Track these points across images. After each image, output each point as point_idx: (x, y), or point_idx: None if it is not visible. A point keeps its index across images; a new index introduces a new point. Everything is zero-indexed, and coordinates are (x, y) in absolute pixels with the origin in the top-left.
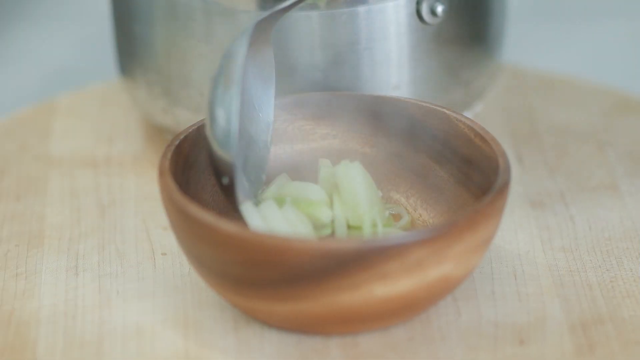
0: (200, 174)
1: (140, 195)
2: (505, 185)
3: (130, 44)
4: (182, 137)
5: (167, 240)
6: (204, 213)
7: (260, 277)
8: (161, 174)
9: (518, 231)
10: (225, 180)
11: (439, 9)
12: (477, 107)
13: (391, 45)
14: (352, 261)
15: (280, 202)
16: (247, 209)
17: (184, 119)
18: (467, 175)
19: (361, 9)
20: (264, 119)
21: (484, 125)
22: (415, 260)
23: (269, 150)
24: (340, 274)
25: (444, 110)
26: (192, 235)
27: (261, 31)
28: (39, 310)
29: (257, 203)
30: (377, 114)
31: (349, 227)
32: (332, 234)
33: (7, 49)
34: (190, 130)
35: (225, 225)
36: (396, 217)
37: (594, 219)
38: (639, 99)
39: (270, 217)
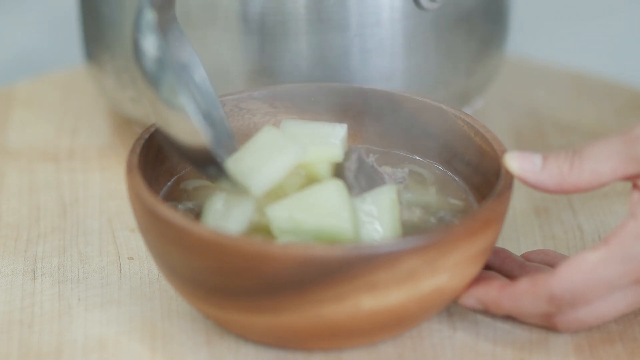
0: (172, 170)
1: (106, 193)
2: (507, 189)
3: (98, 27)
4: (152, 130)
5: (134, 243)
6: (175, 214)
7: (236, 286)
8: (129, 170)
9: (520, 240)
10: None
11: None
12: (478, 102)
13: (384, 31)
14: (338, 270)
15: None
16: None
17: None
18: (466, 178)
19: None
20: (206, 92)
21: (484, 123)
22: (406, 270)
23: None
24: (324, 284)
25: (441, 105)
26: (162, 239)
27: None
28: None
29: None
30: (367, 109)
31: None
32: None
33: None
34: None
35: (199, 228)
36: None
37: (605, 228)
38: None
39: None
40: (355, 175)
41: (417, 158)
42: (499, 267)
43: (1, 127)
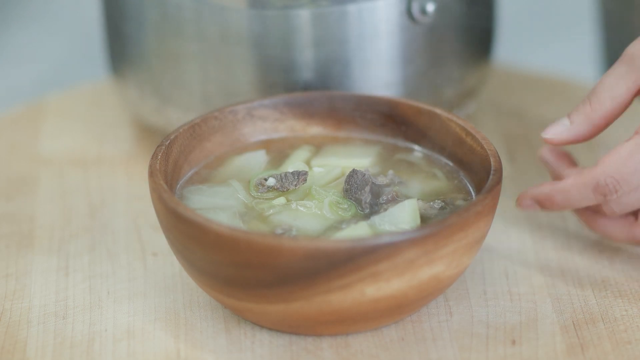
0: (191, 173)
1: (131, 195)
2: (497, 184)
3: (121, 43)
4: (172, 137)
5: (157, 240)
6: (194, 213)
7: (250, 278)
8: (151, 174)
9: (510, 231)
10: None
11: (430, 7)
12: (470, 106)
13: (382, 43)
14: (343, 261)
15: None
16: None
17: (174, 119)
18: (459, 174)
19: (352, 7)
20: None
21: (476, 125)
22: (406, 260)
23: None
24: (331, 275)
25: (435, 109)
26: (182, 236)
27: None
28: (29, 311)
29: None
30: (368, 114)
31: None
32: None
33: None
34: (181, 130)
35: (216, 226)
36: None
37: None
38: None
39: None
40: (360, 195)
41: (417, 155)
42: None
43: (35, 137)
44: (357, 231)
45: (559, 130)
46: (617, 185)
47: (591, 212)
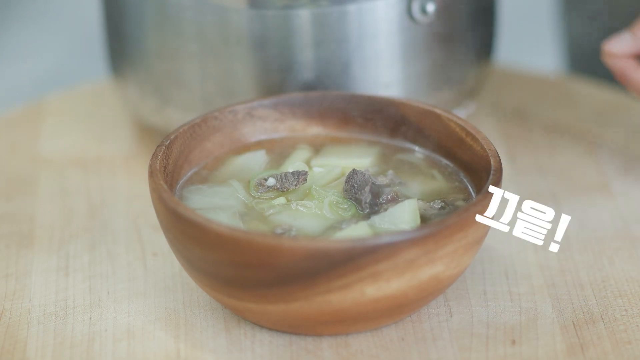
0: (190, 173)
1: (131, 195)
2: (497, 184)
3: (121, 44)
4: (172, 137)
5: (158, 240)
6: (194, 213)
7: (251, 278)
8: (151, 174)
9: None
10: None
11: (430, 7)
12: (469, 106)
13: (382, 43)
14: (343, 261)
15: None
16: None
17: (174, 119)
18: (459, 174)
19: (352, 7)
20: None
21: (476, 125)
22: (406, 260)
23: None
24: (331, 275)
25: (435, 109)
26: (182, 236)
27: None
28: (29, 310)
29: None
30: (367, 113)
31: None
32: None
33: None
34: (181, 130)
35: (216, 226)
36: None
37: (586, 218)
38: (629, 99)
39: None
40: (360, 195)
41: (417, 155)
42: None
43: (35, 137)
44: (357, 231)
45: (622, 43)
46: None
47: None
